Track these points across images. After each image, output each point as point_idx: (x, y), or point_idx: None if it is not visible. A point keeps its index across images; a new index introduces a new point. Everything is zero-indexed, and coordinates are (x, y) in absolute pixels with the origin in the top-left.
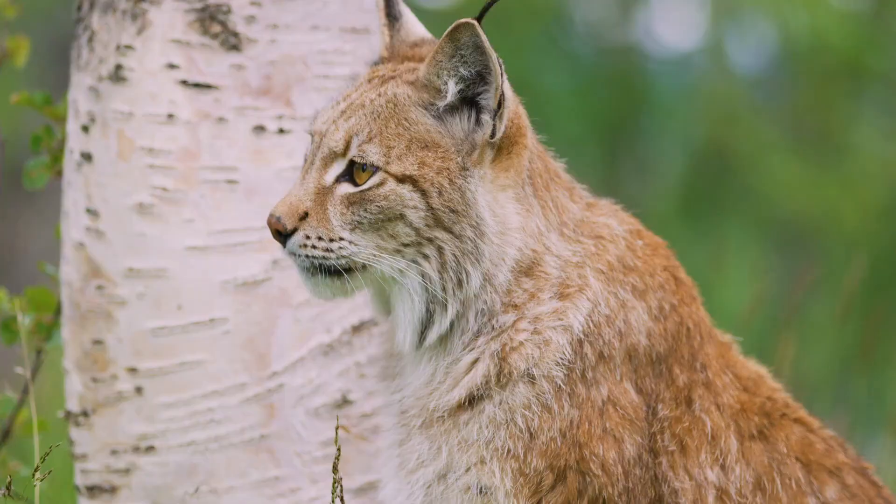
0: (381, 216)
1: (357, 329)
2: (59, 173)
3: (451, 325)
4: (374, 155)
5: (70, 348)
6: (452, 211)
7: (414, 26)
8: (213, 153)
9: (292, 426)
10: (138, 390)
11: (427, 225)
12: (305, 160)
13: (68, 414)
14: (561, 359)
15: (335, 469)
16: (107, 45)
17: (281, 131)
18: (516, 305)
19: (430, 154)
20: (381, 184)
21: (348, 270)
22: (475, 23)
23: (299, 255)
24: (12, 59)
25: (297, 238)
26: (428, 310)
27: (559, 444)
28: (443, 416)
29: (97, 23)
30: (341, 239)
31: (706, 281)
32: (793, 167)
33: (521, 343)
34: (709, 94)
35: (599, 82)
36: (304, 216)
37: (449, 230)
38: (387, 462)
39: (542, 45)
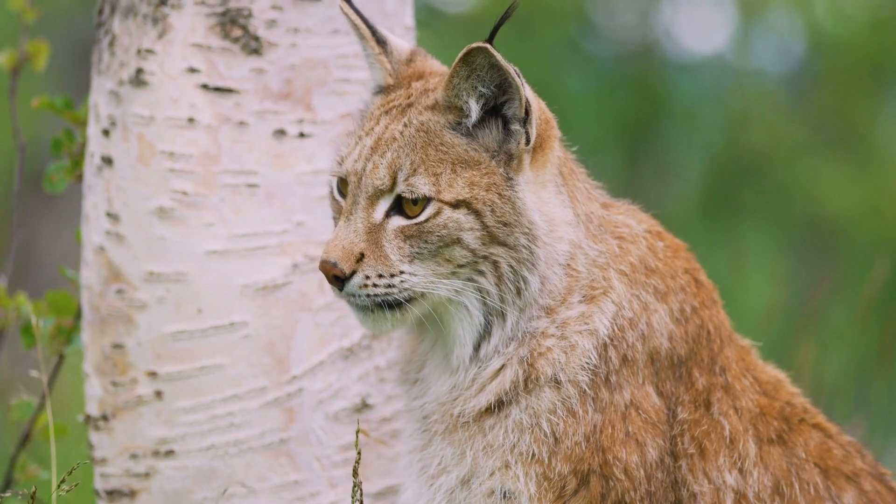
0: (439, 244)
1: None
2: (80, 177)
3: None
4: (423, 186)
5: (90, 352)
6: (505, 224)
7: (398, 44)
8: (234, 157)
9: (312, 430)
10: (158, 394)
11: (483, 244)
12: (342, 200)
13: (88, 418)
14: (586, 363)
15: (355, 473)
16: (128, 49)
17: (301, 135)
18: (549, 309)
19: (475, 173)
20: (436, 214)
21: (409, 300)
22: (488, 46)
23: (359, 296)
24: (32, 62)
25: (356, 280)
26: (487, 322)
27: (583, 448)
28: (468, 422)
29: (118, 27)
30: (402, 273)
31: (726, 284)
32: (817, 169)
33: (548, 349)
34: (731, 96)
35: (620, 86)
36: (361, 257)
37: (503, 244)
38: (407, 467)
39: (562, 49)
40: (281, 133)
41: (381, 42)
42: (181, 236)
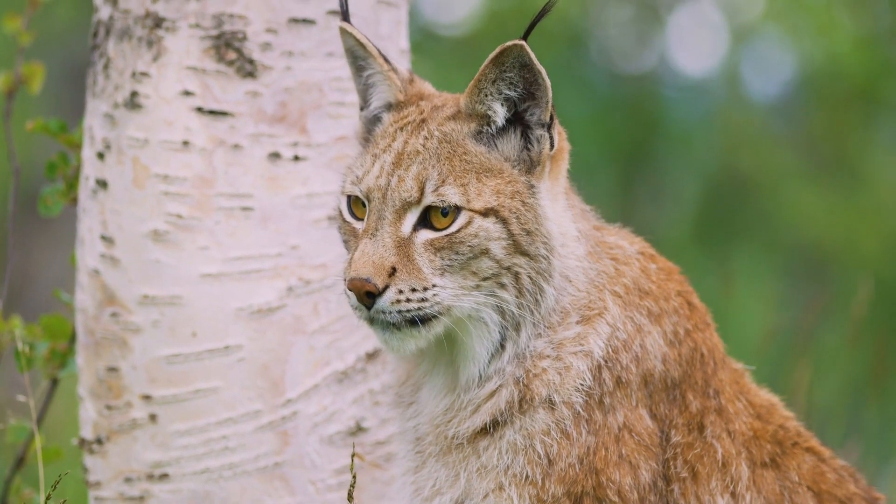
0: (469, 255)
1: (371, 356)
2: (75, 200)
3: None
4: (454, 196)
5: (84, 375)
6: (528, 233)
7: (398, 64)
8: (228, 180)
9: (306, 454)
10: (152, 418)
11: (508, 253)
12: (354, 221)
13: (82, 441)
14: (581, 385)
15: (350, 497)
16: (122, 71)
17: (296, 158)
18: (552, 327)
19: (498, 181)
20: (468, 223)
21: (439, 315)
22: (524, 43)
23: (389, 313)
24: (27, 85)
25: (389, 295)
26: (502, 337)
27: (577, 470)
28: (462, 443)
29: (113, 49)
30: (434, 286)
31: (719, 308)
32: (808, 194)
33: (543, 369)
34: (724, 121)
35: (614, 109)
36: (393, 272)
37: (525, 253)
38: (401, 489)
39: (557, 72)
40: (276, 156)
41: (388, 61)
42: (176, 259)
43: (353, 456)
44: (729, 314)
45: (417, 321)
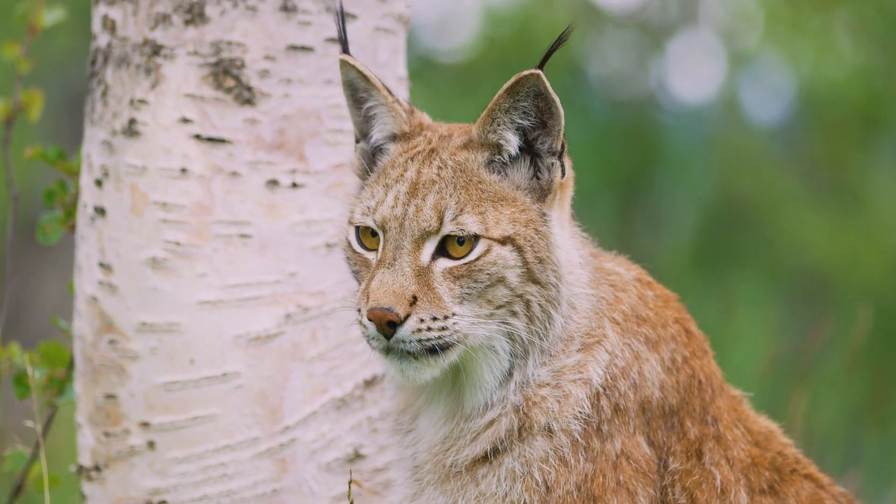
0: (487, 283)
1: (369, 383)
2: (73, 227)
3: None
4: (473, 225)
5: (83, 403)
6: (540, 261)
7: (397, 94)
8: (227, 207)
9: (304, 481)
10: (151, 445)
11: (522, 281)
12: (365, 251)
13: (80, 468)
14: (580, 412)
15: None
16: (120, 99)
17: (294, 185)
18: (552, 355)
19: (513, 209)
20: (487, 251)
21: (457, 343)
22: (540, 72)
23: (409, 342)
24: (26, 112)
25: (410, 324)
26: (511, 365)
27: (575, 497)
28: (460, 471)
29: (111, 77)
30: (454, 314)
31: (718, 335)
32: (809, 218)
33: (543, 397)
34: (723, 146)
35: (613, 136)
36: (414, 300)
37: (537, 281)
38: None
39: None
40: (274, 183)
41: (392, 93)
42: (174, 286)
43: (350, 483)
44: (728, 341)
45: (437, 349)
